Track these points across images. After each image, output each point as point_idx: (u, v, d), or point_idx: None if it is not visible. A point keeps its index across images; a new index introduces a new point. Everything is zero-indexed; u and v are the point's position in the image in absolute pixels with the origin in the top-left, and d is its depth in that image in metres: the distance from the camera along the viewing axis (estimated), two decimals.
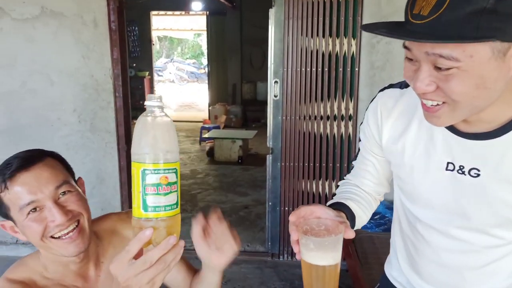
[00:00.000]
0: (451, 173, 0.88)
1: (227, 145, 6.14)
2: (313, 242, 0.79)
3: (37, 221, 0.91)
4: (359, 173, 1.10)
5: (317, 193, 3.20)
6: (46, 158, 0.96)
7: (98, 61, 3.12)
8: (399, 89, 0.98)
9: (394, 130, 0.96)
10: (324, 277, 0.81)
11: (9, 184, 0.91)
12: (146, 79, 9.15)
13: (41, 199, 0.91)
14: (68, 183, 0.96)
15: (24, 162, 0.92)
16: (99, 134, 3.21)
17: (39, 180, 0.91)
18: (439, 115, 0.77)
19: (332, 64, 3.03)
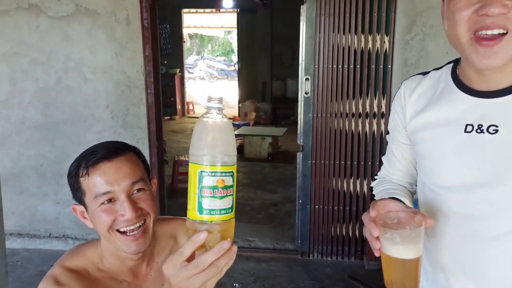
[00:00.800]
0: (469, 134, 0.88)
1: (256, 142, 6.12)
2: (400, 236, 0.79)
3: (108, 212, 0.93)
4: (390, 165, 1.12)
5: (348, 191, 3.13)
6: (129, 152, 0.99)
7: (131, 58, 3.16)
8: (421, 75, 1.03)
9: (416, 107, 1.00)
10: (411, 270, 0.81)
11: (91, 171, 0.93)
12: (176, 76, 9.24)
13: (116, 191, 0.93)
14: (144, 181, 0.97)
15: (109, 152, 0.95)
16: (131, 130, 3.25)
17: (118, 172, 0.94)
18: (498, 49, 0.79)
19: (364, 61, 2.96)
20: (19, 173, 3.36)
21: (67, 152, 3.31)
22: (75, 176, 0.96)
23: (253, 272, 3.12)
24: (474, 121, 0.88)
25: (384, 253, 0.82)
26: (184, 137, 7.63)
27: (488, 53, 0.81)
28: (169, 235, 1.12)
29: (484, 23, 0.79)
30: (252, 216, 4.08)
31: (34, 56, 3.20)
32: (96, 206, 0.93)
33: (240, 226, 3.85)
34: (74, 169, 0.97)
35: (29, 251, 3.41)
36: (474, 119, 0.88)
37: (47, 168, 3.35)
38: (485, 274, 0.91)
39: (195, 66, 16.43)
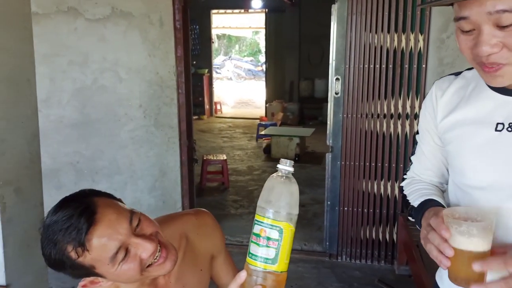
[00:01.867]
0: (499, 133, 0.88)
1: (284, 142, 6.13)
2: (476, 228, 0.78)
3: (132, 261, 0.88)
4: (420, 165, 1.11)
5: (379, 194, 3.10)
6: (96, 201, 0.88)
7: (163, 58, 3.23)
8: (454, 75, 1.03)
9: (447, 107, 0.99)
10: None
11: (87, 245, 0.84)
12: (205, 77, 9.35)
13: (124, 240, 0.87)
14: (133, 212, 0.91)
15: (87, 217, 0.84)
16: (162, 129, 3.32)
17: (111, 225, 0.86)
18: (502, 74, 0.80)
19: (397, 60, 2.92)
20: (58, 169, 3.49)
21: (102, 149, 3.41)
22: (69, 260, 0.85)
23: None
24: (504, 119, 0.87)
25: (456, 248, 0.80)
26: (212, 137, 7.71)
27: (494, 77, 0.82)
28: (179, 235, 1.07)
29: (481, 60, 0.81)
30: None
31: (72, 57, 3.32)
32: (116, 267, 0.87)
33: None
34: (61, 256, 0.85)
35: None
36: (504, 117, 0.88)
37: (83, 164, 3.46)
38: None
39: (222, 67, 16.56)
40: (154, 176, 3.37)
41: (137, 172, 3.39)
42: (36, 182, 1.77)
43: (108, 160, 3.42)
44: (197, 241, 1.10)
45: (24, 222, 1.71)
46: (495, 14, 0.73)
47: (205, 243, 1.11)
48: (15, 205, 1.66)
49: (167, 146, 3.34)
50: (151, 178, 3.38)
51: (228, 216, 4.10)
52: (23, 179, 1.69)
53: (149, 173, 3.38)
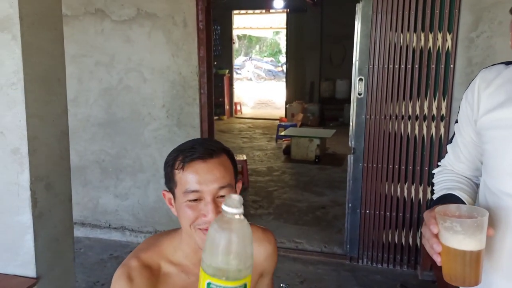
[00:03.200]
0: None
1: (304, 143, 6.11)
2: (460, 224, 0.77)
3: (192, 209, 0.98)
4: (454, 157, 1.08)
5: (402, 197, 3.06)
6: (222, 155, 1.02)
7: (186, 59, 3.26)
8: (504, 65, 0.95)
9: (492, 101, 0.92)
10: (472, 262, 0.78)
11: (186, 166, 0.98)
12: (225, 77, 9.40)
13: (204, 192, 0.97)
14: (230, 187, 1.00)
15: (205, 153, 0.98)
16: (184, 129, 3.36)
17: (210, 174, 0.97)
18: None
19: (424, 60, 2.87)
20: (84, 166, 3.57)
21: (126, 148, 3.47)
22: (171, 167, 1.01)
23: (300, 274, 3.12)
24: None
25: (443, 244, 0.79)
26: (232, 137, 7.75)
27: None
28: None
29: None
30: (299, 218, 4.08)
31: (99, 58, 3.39)
32: (183, 200, 0.98)
33: (287, 227, 3.87)
34: (171, 160, 1.02)
35: (91, 240, 3.61)
36: None
37: (108, 163, 3.53)
38: None
39: (242, 67, 16.62)
40: None
41: (160, 170, 3.41)
42: (65, 179, 1.82)
43: (132, 159, 3.48)
44: (255, 252, 1.12)
45: (54, 217, 1.76)
46: None
47: (261, 259, 1.13)
48: (45, 201, 1.71)
49: None
50: None
51: (247, 216, 4.00)
52: (53, 175, 1.74)
53: None
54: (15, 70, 1.57)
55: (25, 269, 1.68)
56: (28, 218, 1.64)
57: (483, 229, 0.77)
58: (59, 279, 1.82)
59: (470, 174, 1.06)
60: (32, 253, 1.66)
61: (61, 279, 1.83)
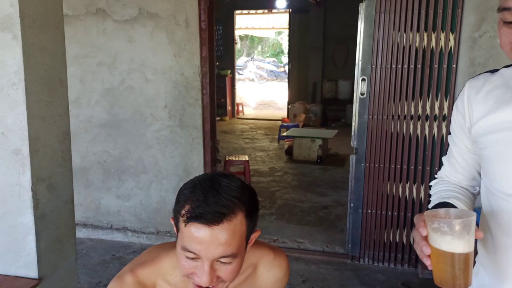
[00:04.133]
0: None
1: (306, 144, 6.10)
2: (447, 225, 0.76)
3: (187, 264, 0.91)
4: (451, 168, 1.08)
5: (404, 196, 3.05)
6: (238, 215, 0.89)
7: (188, 59, 3.26)
8: (490, 73, 0.97)
9: (483, 108, 0.93)
10: (460, 264, 0.77)
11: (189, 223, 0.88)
12: (227, 78, 9.40)
13: (202, 255, 0.89)
14: (233, 256, 0.91)
15: (214, 216, 0.87)
16: (186, 130, 3.36)
17: (212, 242, 0.87)
18: None
19: (426, 60, 2.86)
20: (87, 167, 3.57)
21: (129, 149, 3.48)
22: (179, 208, 0.92)
23: (302, 273, 3.12)
24: None
25: (432, 247, 0.79)
26: (234, 138, 7.75)
27: None
28: (250, 263, 1.08)
29: None
30: (302, 218, 4.08)
31: (101, 58, 3.39)
32: (180, 250, 0.92)
33: (289, 227, 3.86)
34: (181, 202, 0.92)
35: (93, 241, 3.61)
36: None
37: (110, 164, 3.53)
38: None
39: (245, 68, 16.63)
40: (179, 176, 3.41)
41: (162, 171, 3.44)
42: (67, 180, 1.82)
43: (135, 160, 3.48)
44: (264, 276, 1.10)
45: (56, 218, 1.76)
46: None
47: (269, 283, 1.11)
48: (47, 202, 1.71)
49: (191, 146, 3.37)
50: (175, 177, 3.42)
51: None
52: (55, 176, 1.74)
53: (174, 173, 3.43)
54: (16, 70, 1.57)
55: (27, 270, 1.68)
56: (30, 219, 1.64)
57: (470, 230, 0.77)
58: (62, 280, 1.82)
59: (466, 184, 1.06)
60: (35, 254, 1.66)
61: (64, 280, 1.83)
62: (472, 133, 0.97)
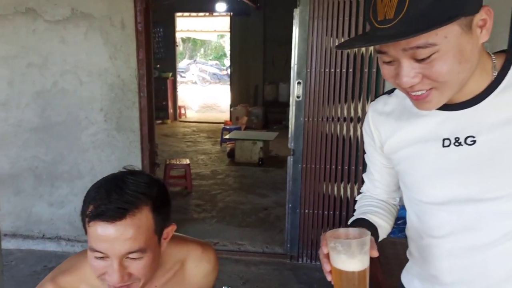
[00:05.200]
0: (448, 148, 0.89)
1: (247, 146, 6.17)
2: (341, 245, 0.80)
3: (98, 265, 0.91)
4: (370, 184, 1.13)
5: (339, 196, 3.19)
6: (143, 209, 0.90)
7: (125, 61, 3.20)
8: (387, 95, 1.03)
9: (388, 128, 1.00)
10: (354, 281, 0.81)
11: (91, 223, 0.88)
12: (169, 80, 9.27)
13: (109, 253, 0.89)
14: (142, 251, 0.90)
15: (117, 212, 0.87)
16: (124, 133, 3.29)
17: (117, 239, 0.87)
18: (430, 100, 0.82)
19: (358, 65, 3.01)
20: (16, 174, 3.37)
21: (62, 154, 3.33)
22: (84, 210, 0.92)
23: (242, 275, 3.15)
24: (449, 134, 0.88)
25: (331, 265, 0.82)
26: (176, 141, 7.66)
27: (421, 103, 0.84)
28: (178, 259, 1.08)
29: (405, 90, 0.83)
30: (243, 220, 4.12)
31: (31, 59, 3.23)
32: (89, 251, 0.91)
33: (230, 229, 3.89)
34: (86, 203, 0.92)
35: (23, 252, 3.42)
36: (449, 132, 0.88)
37: (42, 170, 3.37)
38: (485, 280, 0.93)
39: (187, 70, 16.46)
40: None
41: (98, 176, 3.27)
42: None
43: (69, 165, 3.35)
44: (192, 272, 1.11)
45: None
46: (410, 50, 0.76)
47: (199, 278, 1.12)
48: None
49: (128, 150, 3.30)
50: None
51: (190, 220, 4.09)
52: None
53: None
54: None
55: None
56: None
57: (362, 249, 0.80)
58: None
59: (386, 197, 1.12)
60: None
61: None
62: (384, 151, 1.03)
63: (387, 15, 0.74)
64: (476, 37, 0.78)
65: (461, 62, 0.78)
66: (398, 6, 0.73)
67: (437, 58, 0.76)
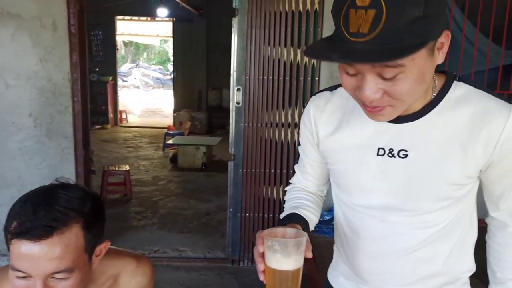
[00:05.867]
0: (381, 158, 0.92)
1: (190, 151, 6.11)
2: (278, 243, 0.80)
3: (20, 284, 0.86)
4: (302, 176, 1.15)
5: (278, 199, 3.25)
6: (72, 226, 0.85)
7: (57, 64, 3.06)
8: (329, 91, 1.03)
9: (328, 128, 1.00)
10: (287, 281, 0.82)
11: (14, 241, 0.83)
12: (109, 84, 8.99)
13: (32, 273, 0.84)
14: (69, 271, 0.86)
15: (42, 231, 0.82)
16: (55, 139, 3.14)
17: (41, 257, 0.82)
18: (383, 113, 0.84)
19: (294, 73, 3.10)
20: None
21: None
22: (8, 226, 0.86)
23: (183, 282, 3.11)
24: (384, 144, 0.92)
25: (266, 263, 0.83)
26: (116, 147, 7.42)
27: (374, 115, 0.85)
28: (110, 275, 1.05)
29: (365, 104, 0.83)
30: (184, 225, 4.07)
31: None
32: (10, 270, 0.86)
33: (171, 236, 3.83)
34: (10, 218, 0.87)
35: None
36: (384, 142, 0.92)
37: None
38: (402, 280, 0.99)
39: (129, 75, 16.05)
40: None
41: (27, 185, 3.15)
42: None
43: None
44: (126, 286, 1.07)
45: None
46: (378, 67, 0.76)
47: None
48: None
49: (61, 157, 3.16)
50: None
51: (130, 228, 3.97)
52: None
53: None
54: None
55: None
56: None
57: (299, 249, 0.80)
58: None
59: (315, 189, 1.15)
60: None
61: None
62: (320, 148, 1.04)
63: (361, 29, 0.73)
64: (435, 59, 0.80)
65: (421, 83, 0.80)
66: (373, 22, 0.71)
67: (402, 78, 0.77)
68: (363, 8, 0.72)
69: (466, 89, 0.89)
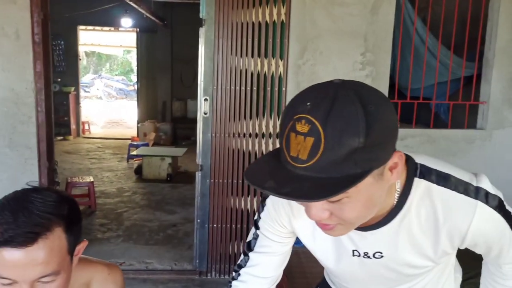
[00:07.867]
0: (358, 258, 0.95)
1: (155, 162, 6.05)
2: None
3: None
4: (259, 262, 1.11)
5: (246, 209, 3.28)
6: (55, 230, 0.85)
7: (19, 74, 2.99)
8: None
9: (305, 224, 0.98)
10: None
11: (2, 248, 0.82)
12: (71, 95, 8.78)
13: (19, 280, 0.84)
14: (55, 274, 0.86)
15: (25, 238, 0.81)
16: (18, 150, 3.05)
17: (27, 263, 0.82)
18: (334, 230, 0.82)
19: (261, 83, 3.15)
20: None
21: None
22: None
23: None
24: (358, 248, 0.94)
25: None
26: (79, 158, 7.23)
27: (327, 231, 0.83)
28: (82, 282, 1.05)
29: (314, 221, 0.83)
30: (150, 237, 4.02)
31: None
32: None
33: (137, 248, 3.77)
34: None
35: None
36: (357, 246, 0.94)
37: None
38: None
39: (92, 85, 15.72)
40: None
41: None
42: None
43: None
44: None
45: None
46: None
47: None
48: None
49: (23, 168, 3.07)
50: None
51: (94, 241, 3.88)
52: None
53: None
54: None
55: None
56: None
57: None
58: None
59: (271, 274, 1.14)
60: None
61: None
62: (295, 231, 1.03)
63: (300, 154, 0.70)
64: (387, 180, 0.78)
65: (369, 207, 0.78)
66: (311, 150, 0.69)
67: (347, 202, 0.75)
68: (302, 134, 0.70)
69: (428, 187, 0.86)
